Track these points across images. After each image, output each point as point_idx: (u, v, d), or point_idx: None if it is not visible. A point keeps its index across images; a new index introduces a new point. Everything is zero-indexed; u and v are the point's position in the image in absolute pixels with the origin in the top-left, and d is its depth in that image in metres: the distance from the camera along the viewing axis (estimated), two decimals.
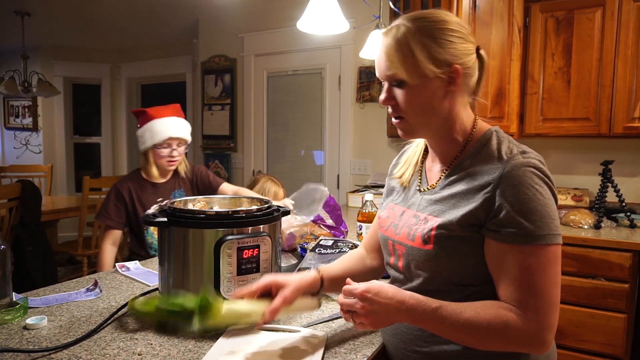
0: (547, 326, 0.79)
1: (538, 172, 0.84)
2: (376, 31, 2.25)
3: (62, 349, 0.96)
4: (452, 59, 0.88)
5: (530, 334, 0.79)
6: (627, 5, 2.32)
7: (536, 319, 0.79)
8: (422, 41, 0.87)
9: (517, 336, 0.80)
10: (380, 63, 0.93)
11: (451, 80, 0.89)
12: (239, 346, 0.96)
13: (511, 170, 0.83)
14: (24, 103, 5.60)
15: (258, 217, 1.09)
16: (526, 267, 0.80)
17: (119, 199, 1.97)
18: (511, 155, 0.86)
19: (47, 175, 4.68)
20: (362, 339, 1.03)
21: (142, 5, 4.00)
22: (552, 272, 0.81)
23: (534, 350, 0.82)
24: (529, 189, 0.81)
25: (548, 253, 0.80)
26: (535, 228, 0.80)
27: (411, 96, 0.90)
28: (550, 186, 0.85)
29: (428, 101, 0.90)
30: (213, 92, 4.31)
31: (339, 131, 3.63)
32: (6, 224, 2.86)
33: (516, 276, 0.81)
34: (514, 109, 2.55)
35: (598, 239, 2.16)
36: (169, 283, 1.10)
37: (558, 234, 0.82)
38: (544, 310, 0.79)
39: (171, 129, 1.96)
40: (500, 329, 0.79)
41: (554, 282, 0.81)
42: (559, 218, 0.85)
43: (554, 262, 0.81)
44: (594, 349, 2.19)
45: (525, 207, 0.81)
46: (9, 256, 1.15)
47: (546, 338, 0.80)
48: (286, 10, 3.75)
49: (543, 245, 0.80)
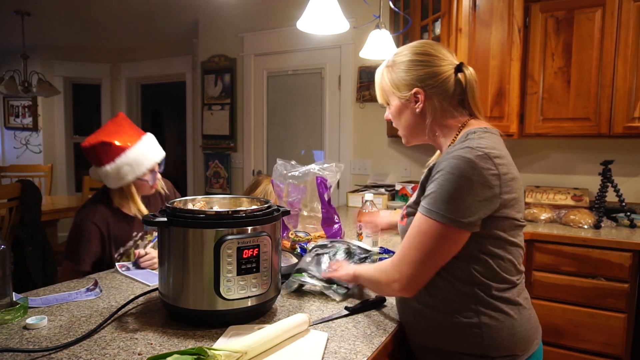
0: (404, 273, 1.02)
1: (463, 164, 0.96)
2: (376, 31, 2.25)
3: (62, 348, 0.96)
4: (413, 82, 1.10)
5: (392, 277, 1.04)
6: (627, 5, 2.32)
7: (395, 265, 1.04)
8: (388, 73, 1.16)
9: (384, 280, 1.07)
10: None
11: (416, 100, 1.11)
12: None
13: (444, 160, 1.00)
14: (24, 103, 5.60)
15: (258, 217, 1.09)
16: (412, 227, 1.02)
17: (93, 235, 1.64)
18: (454, 149, 1.01)
19: (47, 175, 4.68)
20: (362, 339, 1.03)
21: (142, 5, 4.00)
22: (421, 240, 0.99)
23: (398, 292, 1.06)
24: (444, 175, 0.97)
25: (427, 225, 0.98)
26: (427, 203, 0.99)
27: (394, 115, 1.19)
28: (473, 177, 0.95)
29: (406, 118, 1.15)
30: (213, 92, 4.31)
31: (339, 131, 3.63)
32: (6, 224, 2.86)
33: (406, 234, 1.04)
34: (514, 109, 2.55)
35: (598, 239, 2.16)
36: (169, 283, 1.10)
37: (441, 214, 0.96)
38: (401, 262, 1.03)
39: (152, 152, 1.70)
40: (377, 276, 1.10)
41: (417, 246, 1.00)
42: (471, 206, 0.95)
43: (429, 235, 0.98)
44: (594, 349, 2.19)
45: (432, 186, 0.99)
46: (9, 256, 1.15)
47: (406, 284, 1.02)
48: (286, 10, 3.75)
49: (425, 217, 0.99)
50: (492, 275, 1.01)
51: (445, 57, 1.11)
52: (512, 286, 1.03)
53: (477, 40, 2.51)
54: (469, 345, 1.01)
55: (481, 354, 1.00)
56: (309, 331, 1.06)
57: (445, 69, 1.10)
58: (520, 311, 1.03)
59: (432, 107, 1.11)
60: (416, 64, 1.10)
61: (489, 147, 0.99)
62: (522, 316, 1.03)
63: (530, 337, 1.04)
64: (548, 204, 2.70)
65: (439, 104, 1.11)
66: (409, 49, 1.14)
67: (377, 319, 1.16)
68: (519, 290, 1.05)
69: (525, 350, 1.04)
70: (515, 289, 1.04)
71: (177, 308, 1.08)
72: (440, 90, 1.10)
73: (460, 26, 2.47)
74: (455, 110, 1.12)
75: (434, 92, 1.10)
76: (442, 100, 1.10)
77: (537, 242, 2.30)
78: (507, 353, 1.01)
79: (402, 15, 2.84)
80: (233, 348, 0.90)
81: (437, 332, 1.05)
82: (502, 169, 0.98)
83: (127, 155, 1.63)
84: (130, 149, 1.64)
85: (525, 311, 1.04)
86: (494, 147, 1.00)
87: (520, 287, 1.06)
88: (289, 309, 1.21)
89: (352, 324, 1.12)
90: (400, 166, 3.33)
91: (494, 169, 0.96)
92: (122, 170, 1.63)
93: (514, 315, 1.01)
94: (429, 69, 1.09)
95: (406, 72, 1.11)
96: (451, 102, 1.11)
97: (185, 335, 1.04)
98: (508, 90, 2.54)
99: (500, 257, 1.01)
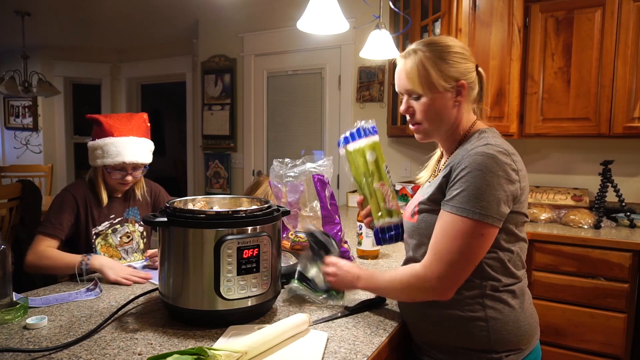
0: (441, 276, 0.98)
1: (488, 160, 0.96)
2: (376, 31, 2.25)
3: (62, 348, 0.96)
4: (458, 75, 1.08)
5: (428, 280, 0.99)
6: (627, 5, 2.32)
7: (431, 267, 0.99)
8: (435, 63, 1.08)
9: (418, 284, 1.01)
10: (400, 80, 1.13)
11: (458, 93, 1.09)
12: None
13: (467, 157, 0.99)
14: (24, 103, 5.60)
15: (258, 217, 1.10)
16: (442, 229, 0.99)
17: (72, 207, 1.69)
18: (474, 147, 1.01)
19: (47, 175, 4.68)
20: (362, 339, 1.03)
21: (142, 5, 4.00)
22: (460, 241, 0.96)
23: (434, 296, 1.01)
24: (472, 172, 0.96)
25: (462, 224, 0.96)
26: (458, 202, 0.97)
27: (426, 107, 1.10)
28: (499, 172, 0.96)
29: (439, 111, 1.10)
30: (213, 92, 4.32)
31: (339, 131, 3.62)
32: (6, 224, 2.86)
33: (435, 235, 1.01)
34: (514, 109, 2.55)
35: (598, 239, 2.16)
36: (169, 283, 1.10)
37: (477, 212, 0.95)
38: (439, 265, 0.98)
39: (126, 153, 1.68)
40: (407, 280, 1.03)
41: (456, 248, 0.96)
42: (501, 201, 0.96)
43: (468, 234, 0.96)
44: (594, 349, 2.19)
45: (460, 184, 0.98)
46: (9, 256, 1.15)
47: (443, 286, 0.99)
48: (286, 10, 3.75)
49: (459, 216, 0.96)
50: (502, 269, 1.03)
51: (472, 55, 1.13)
52: (518, 280, 1.06)
53: (477, 40, 2.51)
54: (474, 340, 1.02)
55: (487, 348, 1.01)
56: (309, 331, 1.06)
57: (474, 67, 1.12)
58: (523, 305, 1.05)
59: (466, 102, 1.12)
60: (462, 57, 1.10)
61: (504, 145, 1.02)
62: (526, 310, 1.05)
63: (532, 331, 1.07)
64: (548, 204, 2.70)
65: (468, 100, 1.12)
66: (453, 41, 1.12)
67: (377, 319, 1.16)
68: (524, 284, 1.09)
69: (528, 344, 1.05)
70: (521, 283, 1.07)
71: (177, 308, 1.08)
72: (474, 86, 1.12)
73: (460, 26, 2.48)
74: (473, 108, 1.15)
75: (471, 87, 1.11)
76: (471, 96, 1.13)
77: (537, 242, 2.30)
78: (512, 347, 1.02)
79: (402, 16, 2.84)
80: (233, 348, 0.90)
81: (442, 327, 1.05)
82: (519, 165, 1.02)
83: (104, 142, 1.68)
84: (109, 139, 1.68)
85: (528, 305, 1.07)
86: (508, 145, 1.04)
87: (525, 281, 1.09)
88: (289, 309, 1.21)
89: (352, 324, 1.12)
90: (401, 166, 3.33)
91: (514, 164, 0.99)
92: (95, 151, 1.69)
93: (518, 308, 1.03)
94: (469, 64, 1.10)
95: (456, 63, 1.08)
96: (474, 100, 1.14)
97: (185, 335, 1.04)
98: (508, 90, 2.54)
99: (511, 252, 1.04)
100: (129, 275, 1.45)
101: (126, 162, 1.68)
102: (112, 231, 1.77)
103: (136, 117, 1.79)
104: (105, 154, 1.67)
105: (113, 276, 1.43)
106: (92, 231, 1.72)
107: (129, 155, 1.68)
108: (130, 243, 1.80)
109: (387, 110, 3.29)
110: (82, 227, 1.71)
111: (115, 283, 1.42)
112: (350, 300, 1.27)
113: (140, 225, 1.84)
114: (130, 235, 1.81)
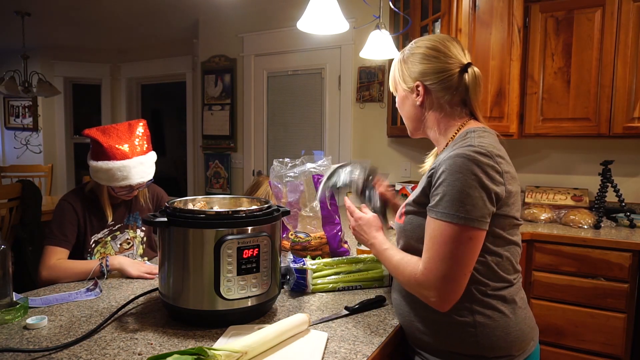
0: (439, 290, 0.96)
1: (467, 162, 0.95)
2: (376, 31, 2.25)
3: (62, 348, 0.96)
4: (416, 76, 1.12)
5: (426, 290, 0.98)
6: (626, 5, 2.32)
7: (428, 278, 0.97)
8: (400, 63, 1.17)
9: (418, 291, 1.01)
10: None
11: (417, 93, 1.13)
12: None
13: (447, 159, 0.98)
14: (24, 103, 5.60)
15: (258, 217, 1.10)
16: (431, 236, 0.98)
17: (73, 217, 1.67)
18: (455, 148, 1.00)
19: (47, 175, 4.68)
20: (362, 339, 1.03)
21: (142, 5, 4.00)
22: (449, 246, 0.94)
23: (432, 306, 0.99)
24: (452, 175, 0.96)
25: (449, 230, 0.95)
26: (442, 207, 0.96)
27: (398, 103, 1.21)
28: (479, 174, 0.95)
29: (407, 110, 1.18)
30: (213, 92, 4.32)
31: (339, 131, 3.63)
32: (6, 224, 2.86)
33: (426, 242, 1.00)
34: (514, 109, 2.55)
35: (598, 239, 2.16)
36: (169, 283, 1.10)
37: (462, 216, 0.94)
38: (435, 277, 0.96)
39: (133, 176, 1.63)
40: (408, 280, 1.03)
41: (449, 256, 0.95)
42: (486, 202, 0.95)
43: (454, 239, 0.94)
44: (594, 349, 2.19)
45: (441, 188, 0.97)
46: (9, 256, 1.15)
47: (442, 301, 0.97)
48: (286, 10, 3.75)
49: (445, 222, 0.95)
50: (490, 273, 1.01)
51: (454, 56, 1.11)
52: (509, 285, 1.03)
53: (477, 40, 2.51)
54: (463, 345, 1.01)
55: (476, 354, 1.00)
56: (309, 331, 1.06)
57: (450, 67, 1.10)
58: (515, 310, 1.02)
59: (430, 102, 1.13)
60: (423, 58, 1.12)
61: (489, 146, 1.00)
62: (518, 316, 1.02)
63: (526, 338, 1.04)
64: (548, 204, 2.70)
65: (438, 100, 1.12)
66: (423, 42, 1.15)
67: (377, 319, 1.16)
68: (516, 289, 1.05)
69: (521, 350, 1.03)
70: (512, 287, 1.04)
71: (177, 308, 1.08)
72: (441, 87, 1.11)
73: (460, 26, 2.48)
74: (456, 109, 1.13)
75: (434, 88, 1.11)
76: (442, 97, 1.11)
77: (537, 242, 2.30)
78: (503, 353, 1.00)
79: (402, 16, 2.84)
80: (233, 348, 0.90)
81: (431, 331, 1.05)
82: (504, 166, 0.99)
83: (108, 165, 1.59)
84: (112, 163, 1.60)
85: (521, 311, 1.04)
86: (494, 146, 1.01)
87: (517, 286, 1.06)
88: (289, 309, 1.21)
89: (352, 324, 1.12)
90: (400, 166, 3.33)
91: (497, 166, 0.98)
92: (97, 173, 1.62)
93: (508, 314, 1.01)
94: (434, 65, 1.11)
95: (413, 64, 1.13)
96: (452, 100, 1.12)
97: (185, 335, 1.04)
98: (508, 90, 2.54)
99: (499, 256, 1.02)
100: (150, 270, 1.50)
101: (133, 185, 1.65)
102: (112, 238, 1.75)
103: (136, 129, 1.71)
104: (111, 178, 1.61)
105: (136, 272, 1.48)
106: (92, 239, 1.71)
107: (135, 178, 1.63)
108: (130, 249, 1.79)
109: (387, 110, 3.29)
110: (80, 236, 1.69)
111: (139, 278, 1.48)
112: (350, 301, 1.27)
113: (141, 231, 1.83)
114: (130, 241, 1.79)
